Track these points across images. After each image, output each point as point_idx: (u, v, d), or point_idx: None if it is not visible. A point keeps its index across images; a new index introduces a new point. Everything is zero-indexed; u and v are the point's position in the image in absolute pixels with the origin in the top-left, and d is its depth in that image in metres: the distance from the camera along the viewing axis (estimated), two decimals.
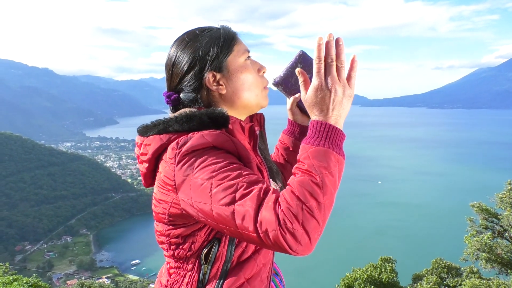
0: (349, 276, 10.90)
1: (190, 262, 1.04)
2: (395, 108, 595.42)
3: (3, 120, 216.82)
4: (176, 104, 1.14)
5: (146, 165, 1.06)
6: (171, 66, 1.13)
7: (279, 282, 1.25)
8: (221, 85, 1.11)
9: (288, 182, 0.89)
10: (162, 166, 1.01)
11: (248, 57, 1.16)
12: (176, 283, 1.06)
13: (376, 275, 10.56)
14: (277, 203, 0.84)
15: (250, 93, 1.13)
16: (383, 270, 10.76)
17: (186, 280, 1.04)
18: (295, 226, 0.81)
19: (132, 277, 52.27)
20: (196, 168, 0.93)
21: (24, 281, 6.61)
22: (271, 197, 0.86)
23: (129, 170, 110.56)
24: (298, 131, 1.43)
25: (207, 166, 0.92)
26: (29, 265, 55.70)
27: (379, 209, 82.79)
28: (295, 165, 0.92)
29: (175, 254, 1.05)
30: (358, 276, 10.67)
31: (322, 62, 0.94)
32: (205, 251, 1.02)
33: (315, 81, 0.95)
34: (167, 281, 1.09)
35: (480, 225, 11.14)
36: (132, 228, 77.20)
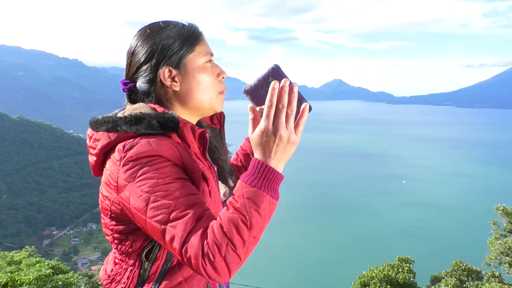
0: (366, 275, 10.82)
1: (132, 258, 1.06)
2: (422, 106, 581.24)
3: (35, 109, 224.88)
4: (131, 93, 1.16)
5: (94, 158, 1.09)
6: (131, 55, 1.14)
7: None
8: (176, 82, 1.10)
9: (219, 214, 0.92)
10: (109, 164, 1.03)
11: (210, 60, 1.15)
12: (118, 275, 1.09)
13: (393, 275, 10.43)
14: (205, 234, 0.88)
15: (204, 95, 1.12)
16: (400, 270, 10.61)
17: (127, 273, 1.07)
18: (217, 259, 0.85)
19: None
20: (137, 177, 0.94)
21: (46, 263, 6.89)
22: (201, 226, 0.89)
23: None
24: None
25: (149, 179, 0.94)
26: (56, 250, 57.76)
27: (402, 208, 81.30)
28: (230, 199, 0.95)
29: (118, 248, 1.08)
30: (375, 275, 10.58)
31: (273, 107, 0.94)
32: (146, 250, 1.05)
33: (262, 124, 0.95)
34: (111, 270, 1.12)
35: (504, 229, 10.84)
36: None
